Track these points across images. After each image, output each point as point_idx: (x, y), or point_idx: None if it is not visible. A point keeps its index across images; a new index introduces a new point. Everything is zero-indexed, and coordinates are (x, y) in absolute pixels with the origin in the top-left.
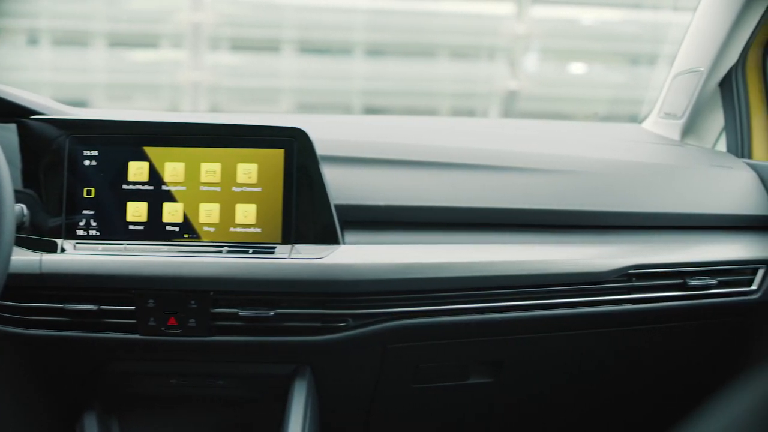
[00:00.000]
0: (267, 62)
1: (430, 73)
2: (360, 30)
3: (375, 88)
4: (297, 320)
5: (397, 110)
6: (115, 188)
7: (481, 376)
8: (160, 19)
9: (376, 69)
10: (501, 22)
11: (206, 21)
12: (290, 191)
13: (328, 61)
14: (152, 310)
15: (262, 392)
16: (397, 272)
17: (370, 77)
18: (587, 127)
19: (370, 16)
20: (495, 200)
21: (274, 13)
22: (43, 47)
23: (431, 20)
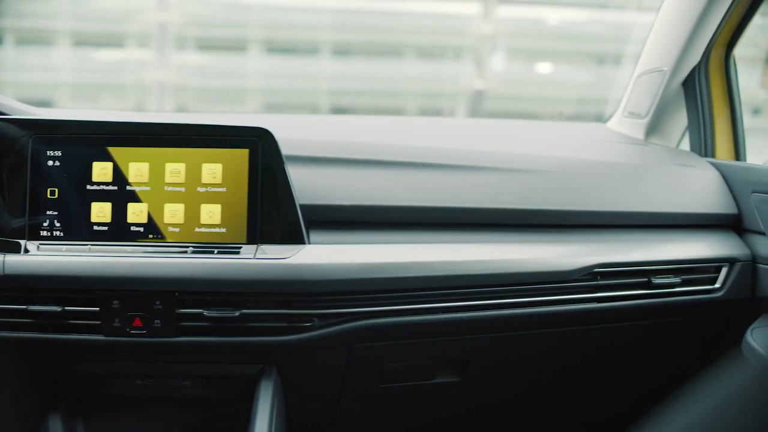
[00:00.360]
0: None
1: (397, 72)
2: (327, 30)
3: (342, 88)
4: (263, 320)
5: (364, 110)
6: (79, 189)
7: (447, 375)
8: (125, 18)
9: (343, 69)
10: (467, 22)
11: (172, 21)
12: (255, 191)
13: (295, 60)
14: (117, 311)
15: (228, 392)
16: (363, 272)
17: (337, 77)
18: (552, 126)
19: (336, 16)
20: (461, 200)
21: (241, 13)
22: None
23: (398, 20)
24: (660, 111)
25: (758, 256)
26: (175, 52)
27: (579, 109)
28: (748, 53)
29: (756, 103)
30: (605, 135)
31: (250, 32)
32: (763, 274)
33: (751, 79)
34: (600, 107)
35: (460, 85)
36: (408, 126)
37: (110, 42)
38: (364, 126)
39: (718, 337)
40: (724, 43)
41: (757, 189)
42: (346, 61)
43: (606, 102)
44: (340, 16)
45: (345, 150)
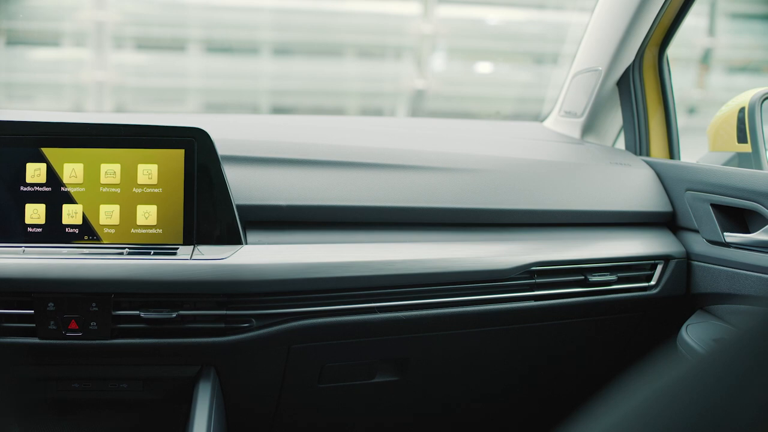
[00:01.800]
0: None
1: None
2: (266, 29)
3: (282, 88)
4: (200, 321)
5: (305, 109)
6: (12, 190)
7: (386, 375)
8: (61, 16)
9: (284, 68)
10: (407, 21)
11: (110, 19)
12: (191, 192)
13: (235, 60)
14: (52, 313)
15: (166, 394)
16: (301, 272)
17: (277, 77)
18: (490, 125)
19: (276, 16)
20: (398, 199)
21: (180, 12)
22: None
23: (338, 19)
24: (595, 110)
25: (692, 253)
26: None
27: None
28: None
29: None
30: (542, 134)
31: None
32: (697, 270)
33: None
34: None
35: (400, 84)
36: (348, 125)
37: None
38: (304, 126)
39: (654, 333)
40: (657, 43)
41: (690, 187)
42: (286, 61)
43: (543, 101)
44: (279, 15)
45: (283, 150)
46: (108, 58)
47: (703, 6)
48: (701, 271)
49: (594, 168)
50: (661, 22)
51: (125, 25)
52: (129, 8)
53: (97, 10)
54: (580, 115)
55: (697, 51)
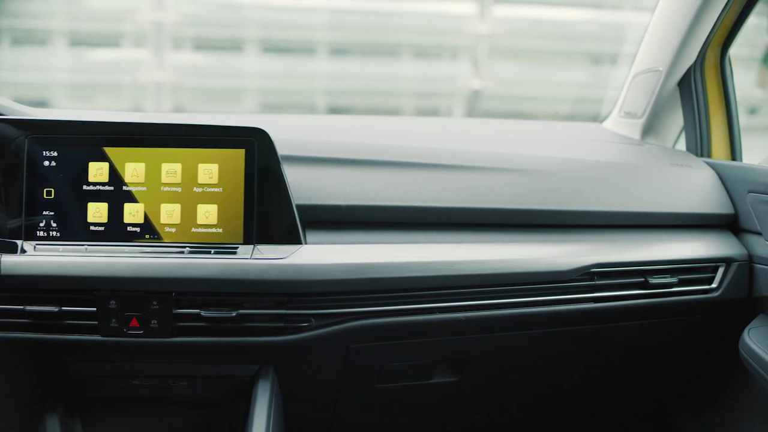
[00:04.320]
0: (230, 62)
1: (393, 72)
2: (323, 29)
3: (338, 88)
4: (259, 321)
5: (361, 110)
6: (75, 189)
7: (445, 375)
8: (121, 18)
9: (340, 68)
10: (464, 21)
11: (169, 20)
12: (251, 191)
13: (292, 60)
14: (114, 311)
15: (225, 393)
16: (360, 272)
17: (333, 77)
18: (549, 126)
19: (332, 16)
20: (457, 200)
21: (237, 13)
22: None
23: (394, 20)
24: (656, 111)
25: (755, 256)
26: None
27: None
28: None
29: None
30: (602, 135)
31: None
32: (760, 273)
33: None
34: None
35: (456, 84)
36: (405, 126)
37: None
38: (361, 126)
39: (714, 336)
40: (719, 44)
41: (753, 189)
42: (342, 61)
43: (601, 102)
44: (336, 15)
45: (342, 150)
46: (167, 58)
47: (765, 6)
48: (764, 273)
49: (654, 169)
50: (723, 23)
51: (184, 25)
52: (187, 9)
53: (156, 11)
54: (641, 116)
55: (759, 51)
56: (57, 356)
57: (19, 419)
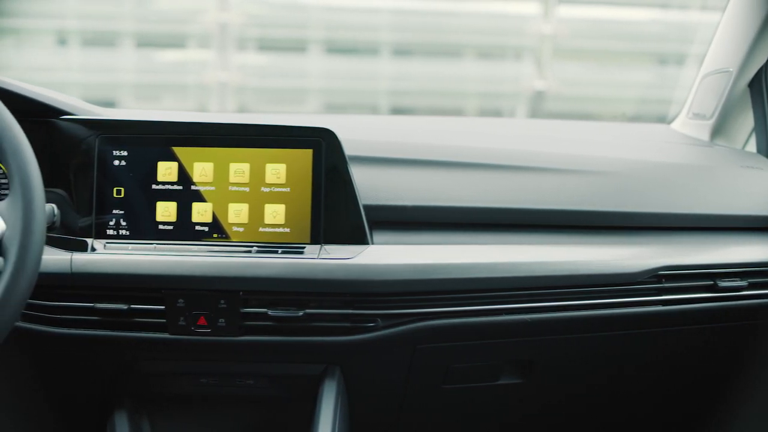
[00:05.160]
0: (294, 62)
1: (456, 73)
2: (386, 30)
3: (401, 89)
4: (326, 320)
5: (424, 110)
6: (144, 188)
7: (511, 377)
8: (187, 19)
9: (403, 69)
10: (527, 21)
11: (233, 21)
12: (319, 191)
13: (355, 61)
14: (182, 309)
15: (291, 392)
16: (426, 272)
17: (396, 77)
18: (615, 127)
19: (395, 17)
20: (523, 201)
21: (301, 14)
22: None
23: (457, 20)
24: (726, 112)
25: None
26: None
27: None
28: None
29: None
30: (670, 136)
31: (310, 33)
32: None
33: None
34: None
35: (520, 85)
36: (468, 127)
37: (172, 43)
38: (425, 127)
39: None
40: None
41: None
42: (405, 62)
43: (668, 103)
44: (399, 16)
45: (407, 150)
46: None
47: None
48: None
49: (724, 171)
50: None
51: (248, 26)
52: (252, 10)
53: (220, 12)
54: (710, 117)
55: None
56: (126, 353)
57: (89, 415)
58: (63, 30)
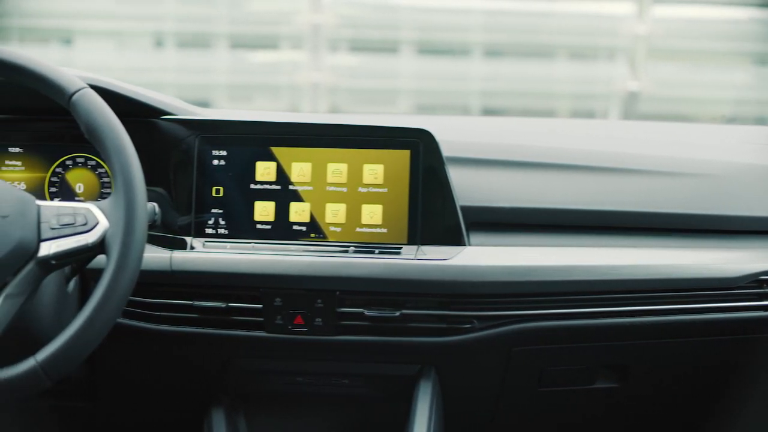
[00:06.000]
0: (385, 63)
1: (548, 73)
2: (477, 31)
3: (493, 89)
4: (422, 321)
5: (515, 111)
6: (243, 188)
7: (607, 381)
8: (280, 20)
9: (494, 70)
10: (621, 21)
11: (326, 22)
12: (416, 192)
13: (446, 62)
14: (279, 308)
15: (386, 392)
16: (523, 274)
17: (487, 78)
18: (713, 129)
19: (487, 17)
20: (621, 203)
21: (392, 15)
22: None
23: (549, 20)
24: None
25: None
26: (329, 53)
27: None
28: None
29: None
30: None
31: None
32: None
33: None
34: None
35: (613, 86)
36: (561, 128)
37: (265, 44)
38: (517, 128)
39: None
40: None
41: None
42: (497, 62)
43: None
44: (491, 17)
45: (503, 152)
46: (323, 59)
47: None
48: None
49: None
50: None
51: (340, 27)
52: (344, 11)
53: (313, 13)
54: None
55: None
56: (223, 351)
57: (187, 411)
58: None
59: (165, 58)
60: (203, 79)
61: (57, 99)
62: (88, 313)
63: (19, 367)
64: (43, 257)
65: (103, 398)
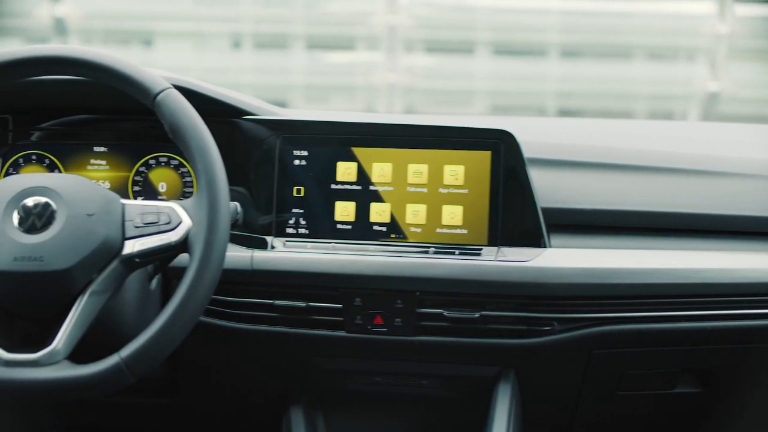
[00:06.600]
0: (461, 64)
1: (625, 74)
2: (554, 31)
3: (569, 90)
4: (502, 322)
5: (592, 112)
6: (323, 188)
7: (688, 386)
8: (356, 21)
9: (571, 70)
10: (701, 21)
11: (401, 23)
12: (497, 193)
13: (522, 62)
14: (359, 308)
15: (464, 393)
16: (604, 277)
17: (564, 79)
18: None
19: (564, 18)
20: (705, 206)
21: (468, 15)
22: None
23: (627, 21)
24: None
25: None
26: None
27: None
28: None
29: None
30: None
31: (478, 34)
32: None
33: None
34: None
35: (692, 87)
36: (640, 130)
37: (341, 45)
38: (594, 129)
39: None
40: None
41: None
42: (573, 63)
43: None
44: (568, 17)
45: (583, 153)
46: (399, 60)
47: None
48: None
49: None
50: None
51: (416, 28)
52: (420, 12)
53: (389, 14)
54: None
55: None
56: (303, 350)
57: (266, 408)
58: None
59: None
60: (280, 80)
61: (142, 99)
62: (171, 311)
63: (103, 364)
64: (128, 255)
65: (183, 395)
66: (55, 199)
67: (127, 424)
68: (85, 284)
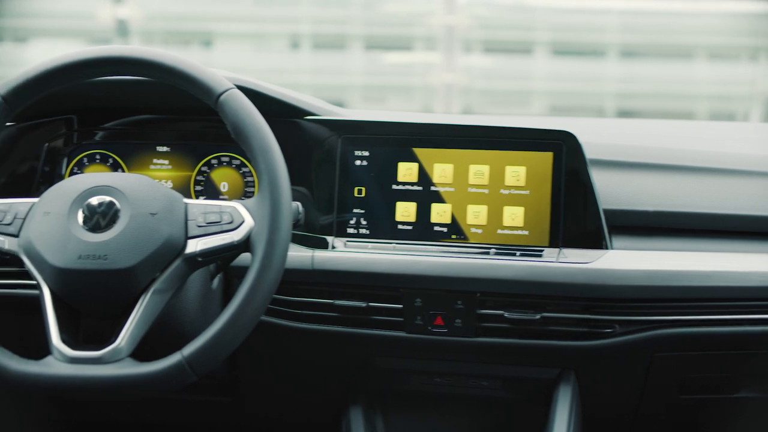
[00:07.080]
0: (519, 64)
1: (686, 75)
2: (613, 31)
3: (629, 91)
4: (563, 324)
5: (652, 113)
6: (384, 188)
7: (752, 390)
8: (413, 22)
9: (630, 71)
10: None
11: (459, 23)
12: (558, 195)
13: (581, 63)
14: (419, 309)
15: (524, 395)
16: (667, 279)
17: (623, 79)
18: None
19: (624, 17)
20: (765, 208)
21: (527, 15)
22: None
23: (687, 20)
24: None
25: None
26: (462, 54)
27: None
28: None
29: None
30: None
31: (536, 34)
32: None
33: None
34: None
35: (755, 87)
36: (701, 131)
37: (398, 45)
38: (654, 130)
39: None
40: None
41: None
42: (632, 63)
43: None
44: (627, 17)
45: (645, 154)
46: (457, 60)
47: None
48: None
49: None
50: None
51: (474, 28)
52: (478, 12)
53: (447, 14)
54: None
55: None
56: (363, 350)
57: (327, 407)
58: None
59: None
60: (338, 80)
61: (204, 99)
62: (233, 310)
63: (166, 361)
64: (190, 254)
65: (244, 394)
66: (119, 198)
67: (187, 422)
68: (148, 283)
